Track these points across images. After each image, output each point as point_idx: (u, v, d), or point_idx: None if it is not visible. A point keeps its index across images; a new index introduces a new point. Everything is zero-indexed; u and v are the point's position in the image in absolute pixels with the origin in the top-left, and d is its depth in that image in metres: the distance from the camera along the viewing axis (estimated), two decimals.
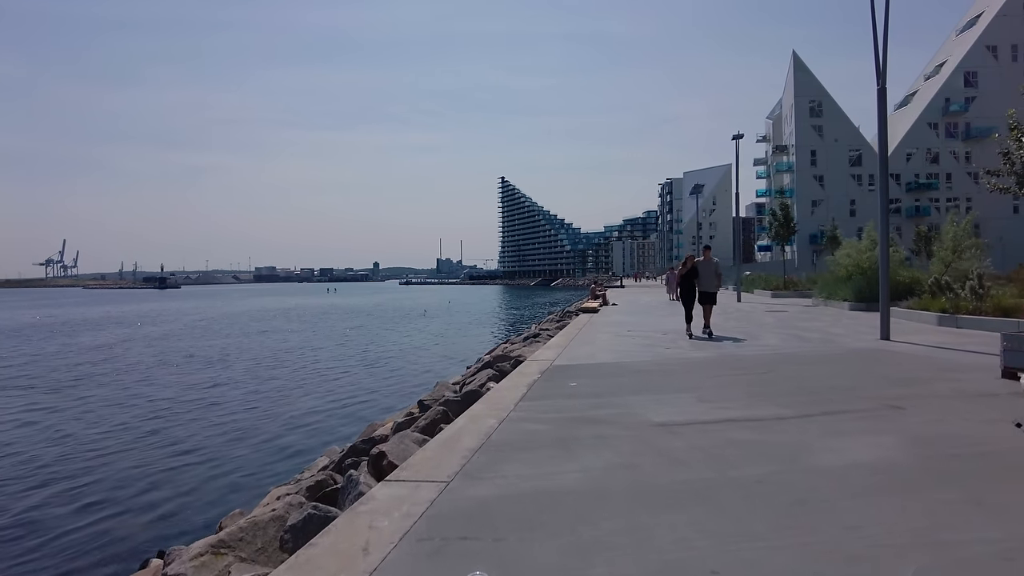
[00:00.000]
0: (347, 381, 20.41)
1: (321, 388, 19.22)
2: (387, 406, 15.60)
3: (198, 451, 12.31)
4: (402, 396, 17.10)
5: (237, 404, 17.20)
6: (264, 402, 17.43)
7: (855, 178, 71.38)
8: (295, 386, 20.02)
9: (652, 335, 12.86)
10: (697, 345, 10.84)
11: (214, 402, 17.52)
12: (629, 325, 15.75)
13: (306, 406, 16.63)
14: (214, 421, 15.06)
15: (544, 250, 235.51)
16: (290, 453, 11.99)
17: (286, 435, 13.60)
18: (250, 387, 20.05)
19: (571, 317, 22.10)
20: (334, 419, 15.05)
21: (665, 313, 19.76)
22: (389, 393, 18.04)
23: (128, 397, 18.31)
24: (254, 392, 19.10)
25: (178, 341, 36.29)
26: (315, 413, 15.79)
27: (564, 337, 12.98)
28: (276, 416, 15.48)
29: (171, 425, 14.58)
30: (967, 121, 69.73)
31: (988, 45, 69.54)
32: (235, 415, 15.72)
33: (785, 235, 28.29)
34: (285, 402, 17.35)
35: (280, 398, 18.04)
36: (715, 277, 12.52)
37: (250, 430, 14.02)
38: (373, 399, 17.26)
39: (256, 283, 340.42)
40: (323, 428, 14.22)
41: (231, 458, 11.78)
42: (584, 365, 8.76)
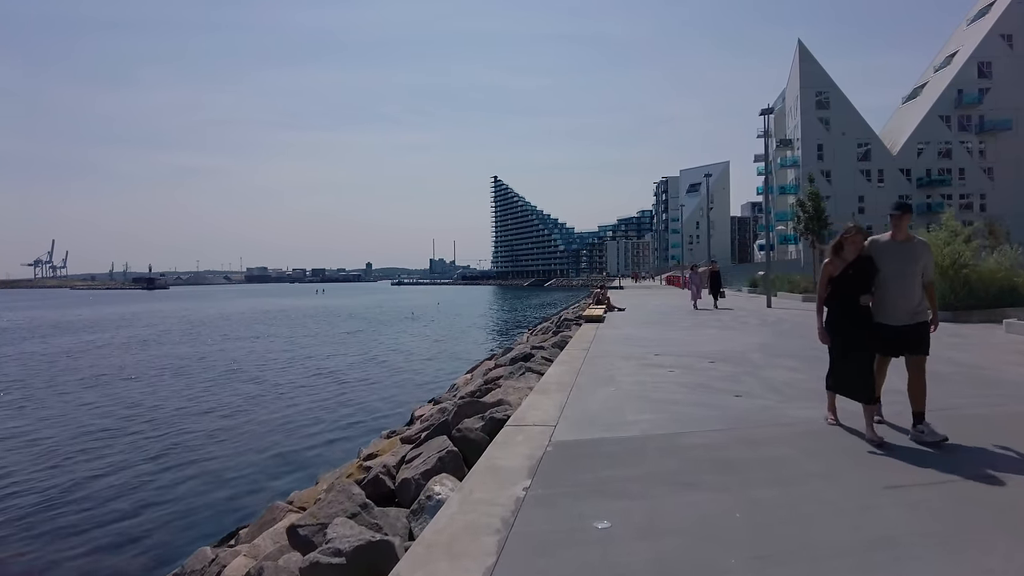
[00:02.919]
0: (261, 433, 14.82)
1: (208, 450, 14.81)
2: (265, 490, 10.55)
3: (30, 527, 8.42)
4: (310, 463, 12.29)
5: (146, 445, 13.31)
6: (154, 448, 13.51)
7: (864, 173, 67.88)
8: (202, 429, 16.13)
9: (693, 363, 9.04)
10: (784, 393, 7.00)
11: (123, 439, 13.60)
12: (650, 343, 11.93)
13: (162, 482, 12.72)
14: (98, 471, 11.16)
15: (537, 250, 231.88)
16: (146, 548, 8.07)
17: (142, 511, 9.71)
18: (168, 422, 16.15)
19: (571, 327, 18.28)
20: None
21: (690, 324, 15.95)
22: (293, 460, 12.38)
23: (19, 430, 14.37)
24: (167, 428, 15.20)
25: (130, 351, 32.26)
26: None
27: (567, 366, 9.15)
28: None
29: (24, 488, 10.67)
30: (981, 114, 66.40)
31: (1003, 34, 66.22)
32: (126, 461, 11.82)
33: (816, 229, 24.56)
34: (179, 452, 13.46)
35: (185, 437, 14.14)
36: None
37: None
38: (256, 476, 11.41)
39: (247, 284, 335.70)
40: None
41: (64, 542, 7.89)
42: (609, 442, 4.93)
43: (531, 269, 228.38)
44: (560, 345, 13.39)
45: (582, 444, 4.87)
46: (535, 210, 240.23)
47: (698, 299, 22.04)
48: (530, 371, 10.35)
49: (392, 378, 22.73)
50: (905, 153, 67.53)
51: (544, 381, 7.92)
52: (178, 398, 19.01)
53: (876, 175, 67.91)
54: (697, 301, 21.97)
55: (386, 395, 19.56)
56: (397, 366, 25.87)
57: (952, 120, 67.22)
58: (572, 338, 13.70)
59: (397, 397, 19.14)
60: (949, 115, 67.03)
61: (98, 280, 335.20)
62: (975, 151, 67.44)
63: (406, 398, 18.69)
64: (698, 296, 22.10)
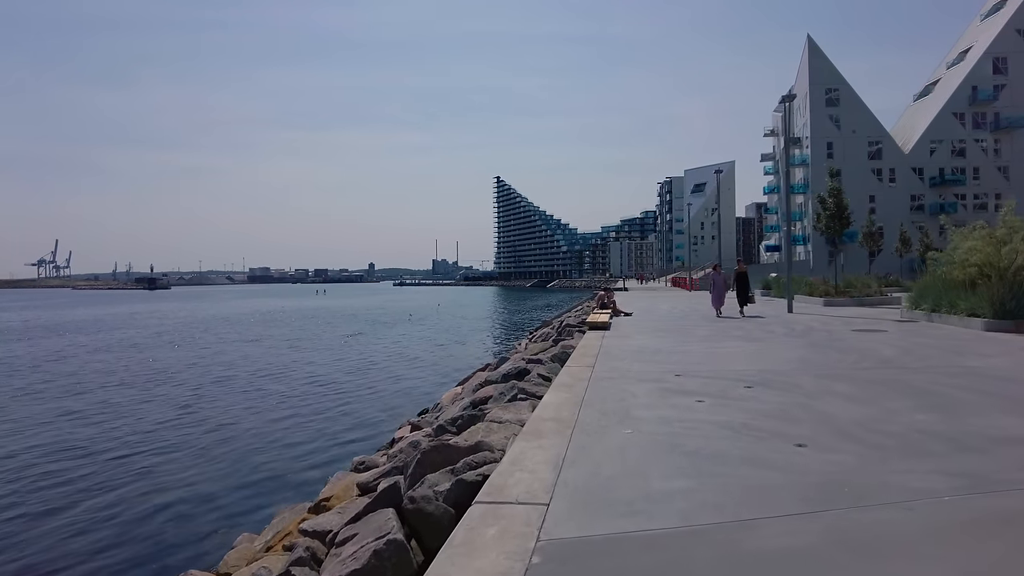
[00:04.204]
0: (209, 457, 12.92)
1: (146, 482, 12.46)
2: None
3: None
4: (263, 499, 10.29)
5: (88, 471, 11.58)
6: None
7: (875, 172, 65.95)
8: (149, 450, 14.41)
9: (726, 389, 7.26)
10: (862, 440, 5.22)
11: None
12: (667, 358, 10.16)
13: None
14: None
15: (540, 251, 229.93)
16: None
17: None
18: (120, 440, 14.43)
19: (572, 335, 16.50)
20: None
21: (709, 332, 14.15)
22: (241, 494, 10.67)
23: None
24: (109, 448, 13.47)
25: (118, 356, 30.57)
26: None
27: (568, 391, 7.36)
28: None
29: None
30: (996, 111, 64.43)
31: (1019, 29, 64.28)
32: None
33: (838, 229, 22.68)
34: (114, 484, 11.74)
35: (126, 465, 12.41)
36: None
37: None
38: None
39: (249, 284, 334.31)
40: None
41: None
42: (632, 543, 3.13)
43: (534, 270, 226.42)
44: (560, 358, 11.61)
45: (590, 547, 3.09)
46: (538, 211, 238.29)
47: (722, 305, 19.12)
48: (523, 394, 8.58)
49: (382, 388, 21.02)
50: (917, 152, 65.58)
51: (538, 415, 6.14)
52: (155, 409, 17.62)
53: (888, 174, 65.98)
54: (721, 308, 19.06)
55: (372, 409, 17.85)
56: (390, 373, 24.17)
57: (966, 117, 65.27)
58: (574, 350, 11.93)
59: (383, 411, 17.45)
60: (963, 112, 65.08)
61: (101, 280, 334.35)
62: (990, 149, 65.48)
63: (392, 413, 16.98)
64: (721, 301, 19.19)
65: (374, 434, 14.75)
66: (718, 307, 19.06)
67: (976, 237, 13.03)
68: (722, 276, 19.57)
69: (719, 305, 19.06)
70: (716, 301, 19.19)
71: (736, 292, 19.25)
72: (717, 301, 19.16)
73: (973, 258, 12.58)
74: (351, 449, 13.44)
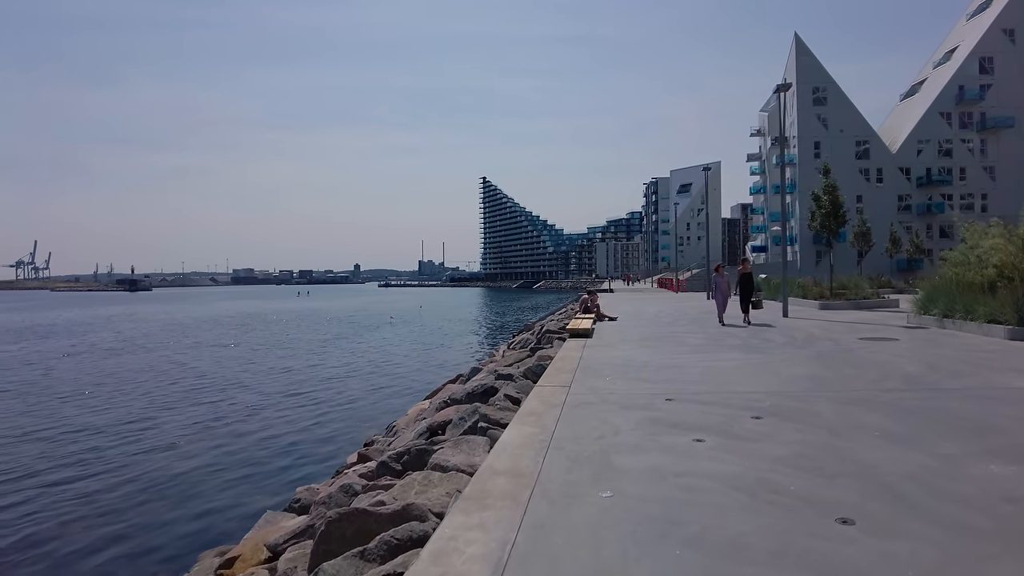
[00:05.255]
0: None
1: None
2: None
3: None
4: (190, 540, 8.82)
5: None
6: None
7: (862, 172, 65.23)
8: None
9: (731, 421, 5.87)
10: (923, 507, 3.88)
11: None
12: (657, 374, 8.77)
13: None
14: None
15: (526, 252, 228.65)
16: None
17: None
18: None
19: (552, 342, 15.10)
20: None
21: (702, 341, 12.78)
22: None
23: None
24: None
25: (87, 361, 28.72)
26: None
27: (533, 426, 5.91)
28: None
29: None
30: (983, 111, 63.96)
31: (1004, 28, 63.89)
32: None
33: (834, 227, 21.43)
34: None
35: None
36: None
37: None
38: None
39: (233, 285, 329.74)
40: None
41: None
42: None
43: (520, 271, 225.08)
44: (535, 373, 10.18)
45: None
46: (524, 211, 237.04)
47: (725, 311, 16.85)
48: (485, 421, 7.14)
49: (352, 399, 19.56)
50: (905, 151, 64.97)
51: (491, 463, 4.70)
52: (107, 424, 16.09)
53: (875, 174, 65.29)
54: (724, 315, 16.78)
55: (338, 423, 16.43)
56: (361, 382, 22.64)
57: (953, 117, 64.76)
58: (551, 363, 10.50)
59: (348, 426, 16.01)
60: (950, 112, 64.56)
61: (81, 281, 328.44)
62: (976, 149, 64.99)
63: (357, 427, 15.53)
64: (724, 307, 16.90)
65: (332, 454, 13.28)
66: (721, 315, 16.82)
67: (995, 235, 11.82)
68: (726, 278, 17.01)
69: (723, 311, 16.84)
70: (719, 307, 16.94)
71: (740, 296, 16.84)
72: (721, 307, 16.91)
73: (994, 258, 11.35)
74: (305, 473, 12.02)
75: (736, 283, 17.14)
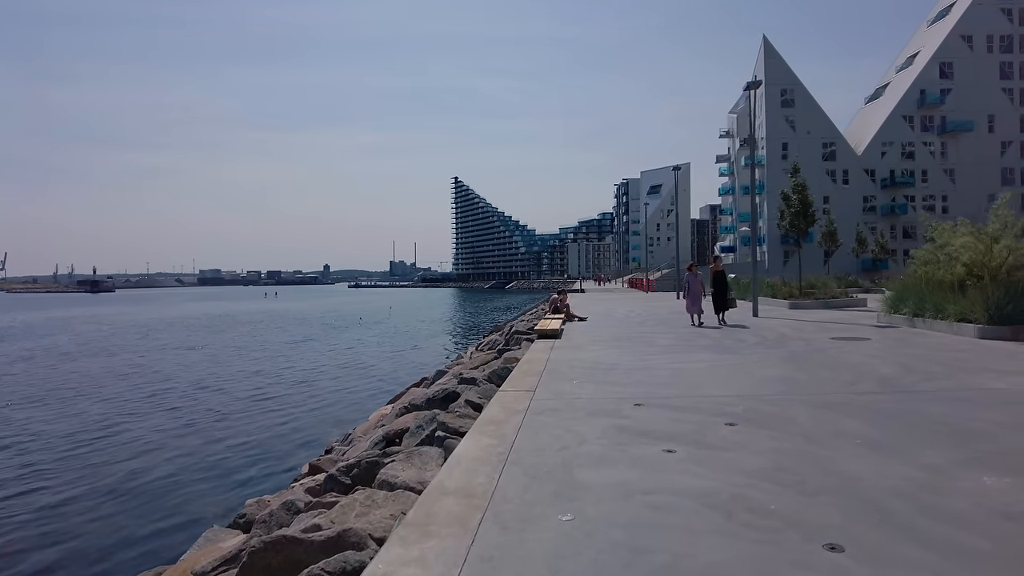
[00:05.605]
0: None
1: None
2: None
3: None
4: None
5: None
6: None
7: (829, 173, 66.24)
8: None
9: (703, 428, 5.51)
10: (920, 532, 3.53)
11: None
12: (626, 377, 8.41)
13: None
14: None
15: (499, 252, 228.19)
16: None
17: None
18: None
19: (520, 343, 14.68)
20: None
21: (672, 341, 12.49)
22: None
23: None
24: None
25: (39, 366, 27.38)
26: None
27: (492, 436, 5.46)
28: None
29: None
30: (943, 114, 65.49)
31: (963, 35, 65.49)
32: None
33: (803, 227, 21.42)
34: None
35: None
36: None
37: None
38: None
39: (200, 286, 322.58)
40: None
41: None
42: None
43: (492, 271, 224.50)
44: (499, 377, 9.74)
45: None
46: (496, 212, 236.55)
47: (700, 312, 15.80)
48: (443, 430, 6.68)
49: (315, 404, 18.81)
50: (869, 153, 66.17)
51: (441, 480, 4.24)
52: (66, 430, 15.33)
53: (841, 175, 66.37)
54: (698, 315, 15.76)
55: (296, 430, 15.68)
56: (328, 385, 21.96)
57: (915, 120, 66.17)
58: (517, 365, 10.07)
59: (308, 431, 15.33)
60: (912, 115, 65.96)
61: (40, 282, 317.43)
62: (937, 152, 66.50)
63: (316, 434, 14.89)
64: (699, 308, 15.85)
65: (292, 462, 12.66)
66: (694, 315, 15.80)
67: (964, 233, 11.74)
68: (698, 278, 16.15)
69: (696, 312, 15.79)
70: (692, 307, 15.87)
71: (713, 297, 15.97)
72: (693, 307, 15.84)
73: (964, 257, 11.26)
74: (260, 483, 11.41)
75: (709, 282, 16.49)
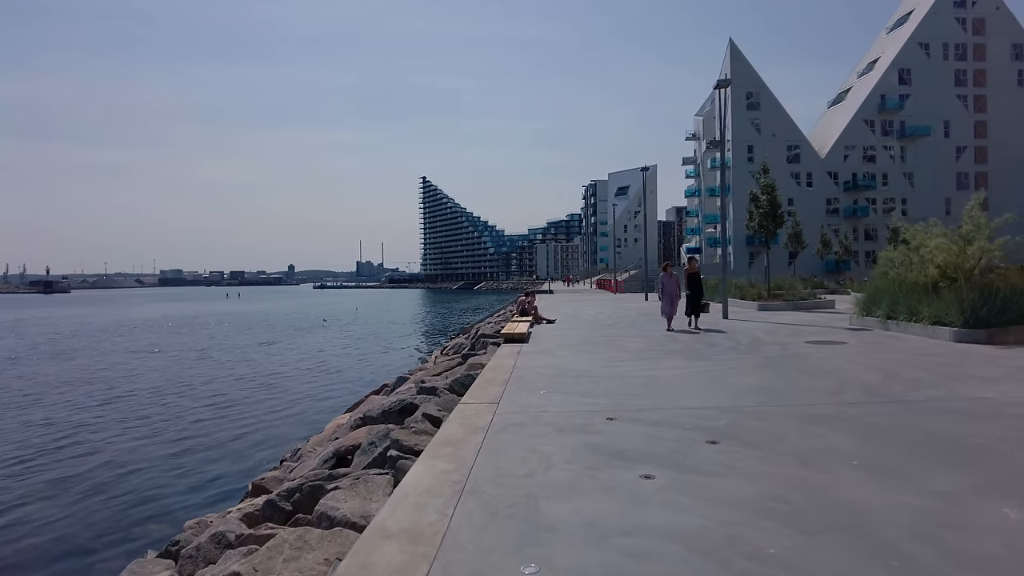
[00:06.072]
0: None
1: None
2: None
3: None
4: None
5: None
6: None
7: (793, 176, 67.16)
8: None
9: (682, 447, 5.00)
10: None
11: None
12: (597, 386, 7.87)
13: None
14: None
15: (467, 253, 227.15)
16: None
17: None
18: None
19: (487, 347, 14.07)
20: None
21: (644, 346, 12.01)
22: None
23: None
24: None
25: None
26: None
27: (451, 458, 4.83)
28: None
29: None
30: (902, 119, 67.00)
31: (921, 42, 67.11)
32: None
33: (771, 227, 21.28)
34: None
35: None
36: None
37: None
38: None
39: (160, 287, 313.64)
40: None
41: None
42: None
43: (461, 272, 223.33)
44: (462, 385, 9.11)
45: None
46: (465, 212, 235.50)
47: (674, 315, 14.78)
48: (396, 448, 6.03)
49: (272, 411, 17.89)
50: (833, 156, 67.30)
51: (383, 522, 3.60)
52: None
53: (805, 178, 67.35)
54: (673, 320, 14.73)
55: (250, 442, 14.77)
56: (288, 391, 21.01)
57: (876, 124, 67.54)
58: (481, 372, 9.45)
59: (261, 445, 14.44)
60: (873, 120, 67.32)
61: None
62: (897, 156, 67.96)
63: (272, 444, 14.04)
64: (674, 311, 14.76)
65: (244, 474, 11.81)
66: (670, 318, 14.68)
67: (938, 234, 11.54)
68: (674, 278, 14.95)
69: (671, 315, 14.69)
70: (667, 310, 14.69)
71: (688, 299, 14.89)
72: (668, 310, 14.68)
73: (939, 258, 11.04)
74: (207, 501, 10.58)
75: (684, 284, 15.44)
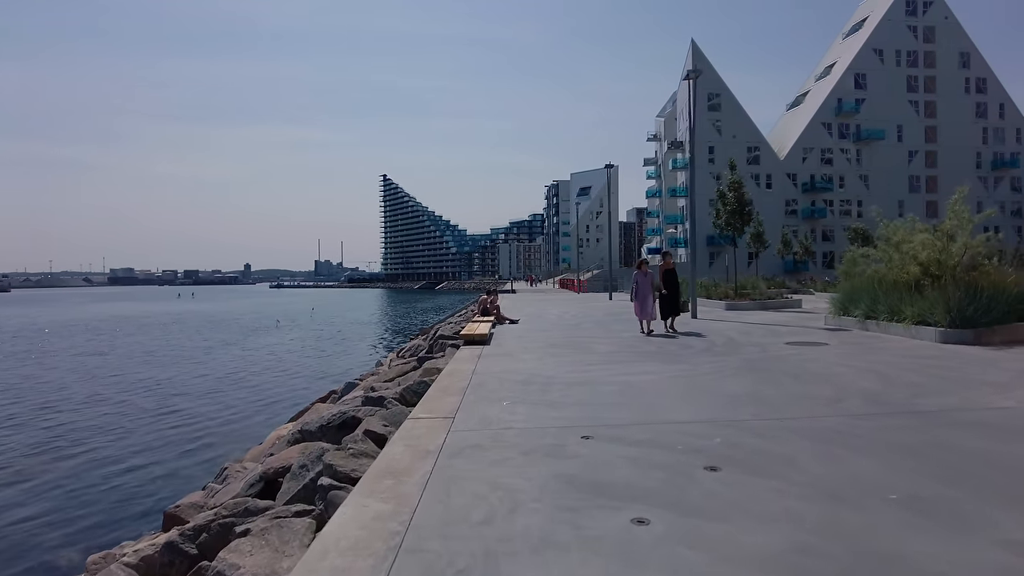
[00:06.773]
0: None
1: None
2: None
3: None
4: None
5: None
6: None
7: (753, 177, 67.71)
8: None
9: (675, 476, 4.11)
10: None
11: None
12: (566, 396, 6.93)
13: None
14: None
15: (429, 252, 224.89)
16: None
17: None
18: None
19: (445, 350, 13.03)
20: None
21: (615, 347, 11.15)
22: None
23: None
24: None
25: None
26: None
27: (390, 496, 3.84)
28: None
29: None
30: (858, 123, 68.34)
31: (875, 48, 68.57)
32: None
33: (739, 225, 20.79)
34: None
35: None
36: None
37: None
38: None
39: (110, 286, 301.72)
40: None
41: None
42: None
43: (422, 271, 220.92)
44: (415, 393, 8.08)
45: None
46: (427, 211, 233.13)
47: (651, 319, 13.12)
48: (328, 473, 4.98)
49: (212, 420, 16.44)
50: (791, 158, 68.19)
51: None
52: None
53: (765, 179, 68.04)
54: (648, 322, 13.09)
55: (184, 455, 13.39)
56: (233, 396, 19.55)
57: (833, 127, 68.70)
58: (437, 379, 8.43)
59: (197, 459, 13.09)
60: (830, 123, 68.46)
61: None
62: (853, 159, 69.26)
63: (209, 458, 12.73)
64: (651, 314, 13.09)
65: (169, 495, 10.53)
66: (645, 321, 13.10)
67: (922, 229, 11.02)
68: (649, 276, 13.32)
69: (647, 318, 13.06)
70: (642, 312, 13.09)
71: (665, 299, 13.55)
72: (643, 312, 13.07)
73: (923, 255, 10.49)
74: (120, 528, 9.28)
75: (660, 282, 13.83)
